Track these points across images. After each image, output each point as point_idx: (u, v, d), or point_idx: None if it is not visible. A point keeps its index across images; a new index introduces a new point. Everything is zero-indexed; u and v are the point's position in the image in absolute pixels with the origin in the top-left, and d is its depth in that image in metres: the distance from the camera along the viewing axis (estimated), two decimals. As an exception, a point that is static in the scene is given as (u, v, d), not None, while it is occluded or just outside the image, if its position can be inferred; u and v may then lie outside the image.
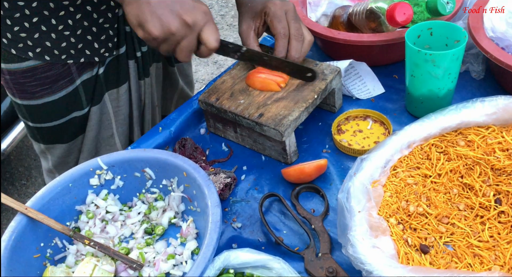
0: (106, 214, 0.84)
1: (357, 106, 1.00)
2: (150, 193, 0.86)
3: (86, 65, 0.98)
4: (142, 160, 0.84)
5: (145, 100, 1.12)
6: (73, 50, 0.94)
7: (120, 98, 1.06)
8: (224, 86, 0.94)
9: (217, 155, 0.95)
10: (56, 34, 0.92)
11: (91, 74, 1.00)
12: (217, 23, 3.12)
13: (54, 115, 1.01)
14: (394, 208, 0.77)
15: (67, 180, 0.83)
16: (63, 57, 0.94)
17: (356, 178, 0.78)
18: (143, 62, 1.06)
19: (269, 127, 0.85)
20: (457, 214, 0.76)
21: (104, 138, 1.09)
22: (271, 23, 0.93)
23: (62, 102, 1.00)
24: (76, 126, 1.04)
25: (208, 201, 0.74)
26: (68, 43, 0.93)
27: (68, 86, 0.98)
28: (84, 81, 1.00)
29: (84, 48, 0.95)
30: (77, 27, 0.93)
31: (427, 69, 0.86)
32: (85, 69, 0.98)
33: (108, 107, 1.06)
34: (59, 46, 0.93)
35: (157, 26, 0.75)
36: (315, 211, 0.83)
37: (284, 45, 0.92)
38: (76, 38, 0.94)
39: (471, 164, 0.80)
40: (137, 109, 1.11)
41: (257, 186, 0.88)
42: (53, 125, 1.03)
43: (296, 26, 0.92)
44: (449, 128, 0.84)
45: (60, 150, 1.07)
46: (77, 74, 0.98)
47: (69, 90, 0.98)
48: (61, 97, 0.99)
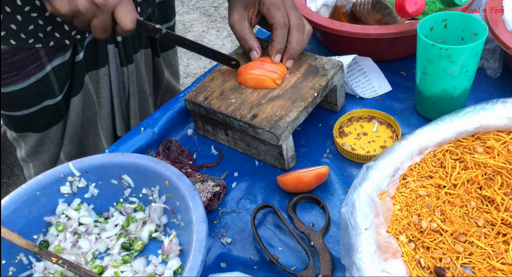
0: (79, 226, 0.75)
1: (361, 106, 0.90)
2: (128, 203, 0.76)
3: (57, 49, 0.90)
4: (120, 165, 0.74)
5: (129, 88, 1.05)
6: (41, 33, 0.86)
7: (100, 80, 0.99)
8: (213, 83, 0.85)
9: (205, 159, 0.86)
10: (22, 15, 0.83)
11: (63, 59, 0.92)
12: (210, 15, 3.01)
13: (24, 103, 0.94)
14: (404, 224, 0.68)
15: (34, 188, 0.73)
16: (30, 41, 0.86)
17: (362, 188, 0.68)
18: (125, 47, 0.99)
19: (264, 130, 0.76)
20: (476, 231, 0.67)
21: (88, 116, 1.03)
22: (268, 12, 0.84)
23: (32, 90, 0.92)
24: (49, 116, 0.98)
25: (192, 216, 0.65)
26: (35, 25, 0.85)
27: (37, 72, 0.90)
28: (56, 67, 0.92)
29: (53, 30, 0.87)
30: (45, 8, 0.84)
31: (441, 66, 0.77)
32: (56, 54, 0.90)
33: (89, 87, 1.00)
34: (26, 29, 0.84)
35: (63, 4, 0.70)
36: (315, 225, 0.74)
37: (283, 35, 0.83)
38: (45, 20, 0.85)
39: (491, 173, 0.71)
40: (117, 97, 1.04)
41: (249, 195, 0.79)
42: (24, 114, 0.95)
43: (296, 15, 0.84)
44: (466, 132, 0.75)
45: (32, 139, 1.01)
46: (46, 59, 0.89)
47: (39, 76, 0.91)
48: (31, 85, 0.91)
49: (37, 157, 1.04)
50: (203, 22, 2.98)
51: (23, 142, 1.03)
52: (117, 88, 1.03)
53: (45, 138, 1.01)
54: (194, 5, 3.13)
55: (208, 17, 3.02)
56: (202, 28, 2.94)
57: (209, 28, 2.93)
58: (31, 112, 0.95)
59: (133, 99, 1.07)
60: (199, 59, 2.71)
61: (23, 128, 0.99)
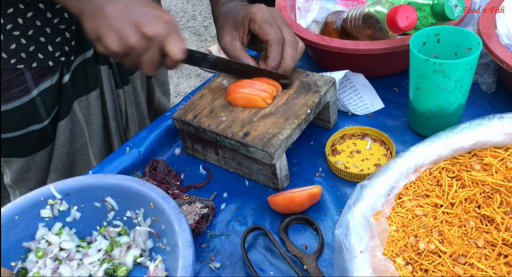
0: (60, 251, 0.71)
1: (353, 122, 0.88)
2: (112, 227, 0.73)
3: (44, 72, 0.87)
4: (103, 187, 0.71)
5: (126, 111, 1.01)
6: (23, 53, 0.83)
7: (90, 106, 0.96)
8: (203, 101, 0.82)
9: (193, 179, 0.83)
10: (4, 34, 0.80)
11: (51, 83, 0.88)
12: (201, 35, 3.01)
13: (8, 126, 0.90)
14: (401, 245, 0.65)
15: (12, 212, 0.69)
16: (12, 61, 0.82)
17: (356, 209, 0.65)
18: (119, 68, 0.95)
19: (256, 148, 0.73)
20: (475, 252, 0.64)
21: (77, 147, 0.99)
22: (261, 29, 0.81)
23: (16, 113, 0.88)
24: (35, 140, 0.93)
25: (178, 240, 0.61)
26: (18, 45, 0.82)
27: (23, 96, 0.86)
28: (42, 92, 0.88)
29: (36, 51, 0.84)
30: (28, 27, 0.81)
31: (435, 81, 0.75)
32: (43, 77, 0.87)
33: (78, 115, 0.96)
34: (7, 48, 0.81)
35: (115, 41, 0.68)
36: (308, 248, 0.71)
37: (278, 51, 0.81)
38: (27, 39, 0.82)
39: (490, 191, 0.69)
40: (114, 120, 1.00)
41: (239, 217, 0.76)
42: (8, 137, 0.91)
43: (289, 31, 0.82)
44: (462, 149, 0.72)
45: (17, 164, 0.96)
46: (32, 82, 0.86)
47: (24, 100, 0.87)
48: (15, 108, 0.87)
49: (23, 184, 1.00)
50: (193, 41, 2.97)
51: (8, 169, 0.99)
52: (113, 111, 0.99)
53: (31, 164, 0.97)
54: (184, 24, 3.12)
55: (198, 36, 3.01)
56: (192, 47, 2.93)
57: (199, 47, 2.92)
58: (16, 136, 0.91)
59: (132, 122, 1.04)
60: (189, 78, 2.69)
61: (7, 152, 0.95)
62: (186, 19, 3.17)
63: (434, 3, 0.83)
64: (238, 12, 0.85)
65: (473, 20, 0.92)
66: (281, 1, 1.01)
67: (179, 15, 3.23)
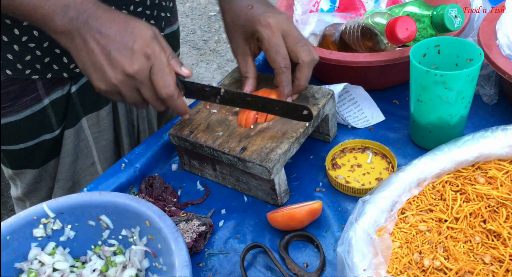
0: (53, 272, 0.69)
1: (353, 136, 0.86)
2: (107, 246, 0.71)
3: (55, 82, 0.86)
4: (97, 205, 0.69)
5: (139, 126, 1.00)
6: (38, 64, 0.82)
7: (101, 123, 0.94)
8: (199, 116, 0.80)
9: (191, 196, 0.81)
10: (19, 45, 0.80)
11: (62, 93, 0.87)
12: (200, 49, 3.01)
13: (20, 136, 0.89)
14: (405, 263, 0.63)
15: (4, 232, 0.67)
16: (27, 72, 0.82)
17: (358, 225, 0.63)
18: None
19: (254, 163, 0.71)
20: (482, 269, 0.62)
21: (83, 167, 0.97)
22: (267, 54, 0.77)
23: (28, 123, 0.87)
24: (47, 150, 0.92)
25: (175, 259, 0.59)
26: (33, 56, 0.81)
27: (34, 104, 0.85)
28: (54, 101, 0.87)
29: (51, 62, 0.83)
30: (43, 39, 0.81)
31: (436, 93, 0.73)
32: (54, 87, 0.86)
33: (86, 134, 0.94)
34: (23, 59, 0.81)
35: (100, 80, 0.67)
36: (309, 266, 0.68)
37: (288, 79, 0.77)
38: (42, 51, 0.81)
39: (495, 205, 0.67)
40: (127, 136, 0.99)
41: (238, 234, 0.73)
42: (20, 148, 0.90)
43: (305, 49, 0.76)
44: (466, 162, 0.71)
45: (29, 176, 0.95)
46: (44, 91, 0.85)
47: (35, 109, 0.86)
48: (27, 117, 0.86)
49: (35, 194, 0.99)
50: (192, 55, 2.97)
51: (19, 181, 0.97)
52: (126, 127, 0.98)
53: (43, 174, 0.96)
54: (183, 38, 3.12)
55: (197, 50, 3.01)
56: (192, 61, 2.93)
57: (199, 61, 2.92)
58: (28, 146, 0.90)
59: (144, 137, 1.02)
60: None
61: (19, 164, 0.94)
62: (185, 33, 3.18)
63: (434, 14, 0.82)
64: (245, 22, 0.79)
65: (473, 31, 0.91)
66: (278, 14, 1.00)
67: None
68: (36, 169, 0.94)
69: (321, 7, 1.06)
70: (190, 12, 3.38)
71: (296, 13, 1.04)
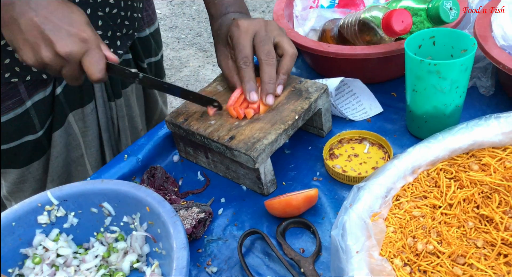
0: (57, 258, 0.71)
1: (351, 128, 0.88)
2: (109, 232, 0.73)
3: (37, 84, 0.88)
4: (99, 193, 0.71)
5: (118, 124, 1.02)
6: (17, 67, 0.84)
7: (85, 119, 0.96)
8: (195, 105, 0.82)
9: (191, 186, 0.83)
10: None
11: (44, 94, 0.89)
12: (207, 51, 3.03)
13: (3, 138, 0.91)
14: (398, 246, 0.64)
15: (9, 219, 0.70)
16: (6, 75, 0.84)
17: (353, 210, 0.65)
18: (112, 82, 0.97)
19: (240, 152, 0.73)
20: (475, 253, 0.63)
21: (73, 159, 0.99)
22: (234, 52, 0.81)
23: (11, 125, 0.89)
24: (30, 150, 0.94)
25: (173, 242, 0.61)
26: (11, 59, 0.83)
27: (17, 107, 0.87)
28: (36, 103, 0.89)
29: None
30: None
31: (431, 82, 0.75)
32: (36, 89, 0.88)
33: (74, 128, 0.96)
34: (2, 62, 0.83)
35: (30, 56, 0.68)
36: (305, 251, 0.70)
37: (249, 75, 0.79)
38: None
39: (488, 191, 0.68)
40: (106, 132, 1.01)
41: (236, 221, 0.75)
42: (3, 149, 0.92)
43: (265, 48, 0.79)
44: (460, 149, 0.72)
45: (13, 175, 0.97)
46: (26, 94, 0.87)
47: (18, 112, 0.88)
48: (10, 119, 0.88)
49: (19, 194, 1.00)
50: (199, 57, 3.00)
51: (4, 180, 0.99)
52: (105, 123, 1.00)
53: (26, 174, 0.97)
54: (190, 41, 3.15)
55: (204, 52, 3.04)
56: (198, 63, 2.96)
57: (205, 63, 2.94)
58: (11, 147, 0.92)
59: (124, 134, 1.04)
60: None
61: (3, 164, 0.95)
62: (192, 36, 3.21)
63: (429, 7, 0.83)
64: (223, 28, 0.84)
65: (470, 23, 0.92)
66: (278, 9, 1.02)
67: (185, 32, 3.26)
68: (19, 169, 0.96)
69: (321, 4, 1.08)
70: (196, 15, 3.42)
71: (296, 9, 1.05)
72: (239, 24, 0.80)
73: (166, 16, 3.45)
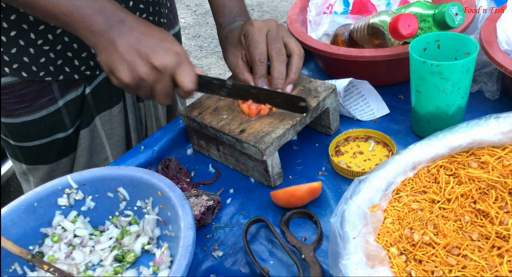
0: (74, 238, 0.76)
1: (358, 127, 0.91)
2: (124, 216, 0.77)
3: (70, 84, 0.93)
4: (116, 178, 0.76)
5: (146, 124, 1.07)
6: (51, 66, 0.89)
7: (113, 120, 1.01)
8: (210, 100, 0.87)
9: (203, 177, 0.87)
10: (34, 49, 0.87)
11: (76, 94, 0.94)
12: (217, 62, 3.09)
13: (35, 134, 0.96)
14: (395, 236, 0.67)
15: (32, 199, 0.75)
16: (41, 74, 0.89)
17: (353, 201, 0.68)
18: None
19: (249, 144, 0.77)
20: (469, 245, 0.65)
21: (97, 163, 1.04)
22: (248, 49, 0.85)
23: (43, 122, 0.94)
24: (60, 147, 0.99)
25: (181, 223, 0.65)
26: (47, 59, 0.88)
27: (49, 105, 0.93)
28: (68, 102, 0.94)
29: (63, 65, 0.90)
30: (57, 42, 0.88)
31: (433, 83, 0.78)
32: (69, 89, 0.93)
33: (99, 131, 1.00)
34: (37, 61, 0.88)
35: (126, 73, 0.72)
36: (307, 240, 0.73)
37: (262, 72, 0.84)
38: (56, 53, 0.89)
39: (486, 188, 0.70)
40: (135, 132, 1.06)
41: (243, 210, 0.79)
42: (35, 145, 0.97)
43: (276, 46, 0.83)
44: (460, 147, 0.75)
45: (42, 171, 1.01)
46: (59, 93, 0.92)
47: (51, 110, 0.93)
48: (42, 117, 0.93)
49: None
50: (220, 65, 3.07)
51: (32, 176, 1.03)
52: (135, 123, 1.04)
53: (55, 170, 1.02)
54: (212, 49, 3.23)
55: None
56: (219, 71, 3.02)
57: (226, 71, 3.00)
58: (42, 143, 0.97)
59: (151, 133, 1.09)
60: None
61: (33, 160, 1.00)
62: (214, 44, 3.28)
63: (435, 12, 0.86)
64: (236, 31, 0.89)
65: (477, 30, 0.95)
66: (292, 14, 1.07)
67: (208, 40, 3.34)
68: (48, 165, 1.01)
69: (335, 10, 1.12)
70: (220, 25, 3.48)
71: (310, 14, 1.10)
72: (253, 23, 0.85)
73: (190, 25, 3.54)
